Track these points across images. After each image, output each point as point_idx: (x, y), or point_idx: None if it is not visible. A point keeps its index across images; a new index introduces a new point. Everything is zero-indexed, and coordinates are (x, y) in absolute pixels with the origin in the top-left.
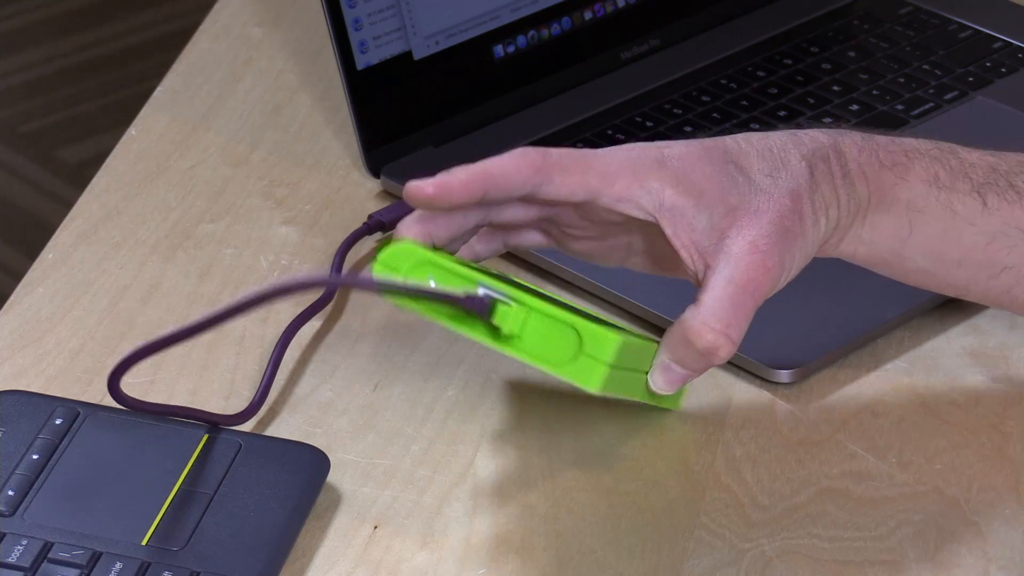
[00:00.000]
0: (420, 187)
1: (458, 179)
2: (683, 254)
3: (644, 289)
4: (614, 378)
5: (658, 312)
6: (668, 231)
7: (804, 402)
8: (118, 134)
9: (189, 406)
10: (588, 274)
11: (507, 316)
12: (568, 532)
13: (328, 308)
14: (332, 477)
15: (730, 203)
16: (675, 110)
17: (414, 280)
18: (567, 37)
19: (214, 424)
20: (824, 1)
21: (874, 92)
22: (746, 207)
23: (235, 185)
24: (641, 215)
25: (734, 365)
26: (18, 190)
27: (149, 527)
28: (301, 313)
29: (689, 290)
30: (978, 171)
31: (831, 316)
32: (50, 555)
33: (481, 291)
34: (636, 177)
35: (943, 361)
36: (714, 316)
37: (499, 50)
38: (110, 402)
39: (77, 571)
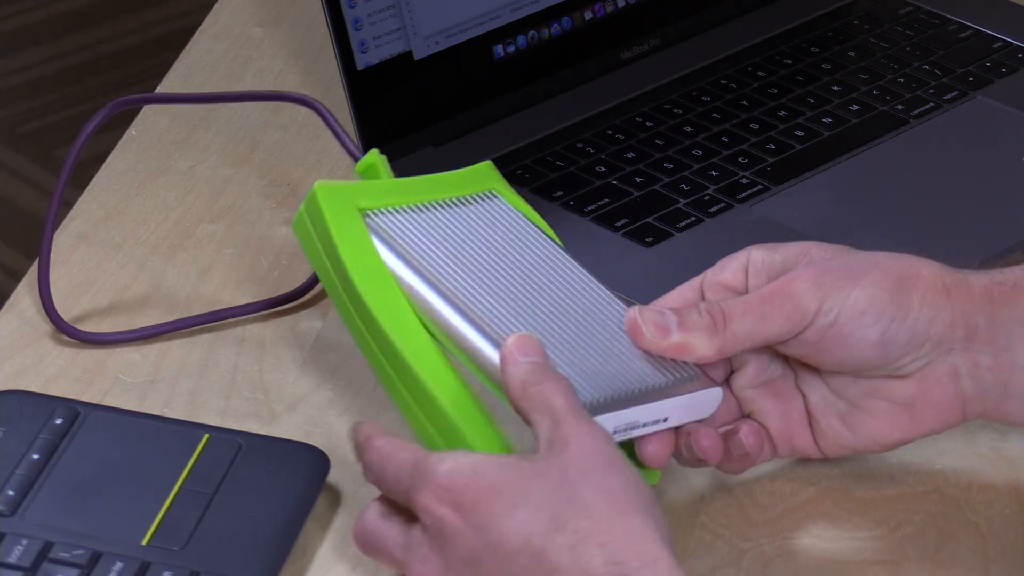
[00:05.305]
0: None
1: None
2: None
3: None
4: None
5: None
6: None
7: None
8: (118, 134)
9: None
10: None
11: None
12: None
13: (327, 307)
14: (332, 477)
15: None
16: (675, 110)
17: None
18: (567, 37)
19: None
20: (824, 1)
21: (874, 92)
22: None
23: (235, 185)
24: None
25: None
26: (18, 190)
27: (149, 527)
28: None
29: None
30: None
31: None
32: (50, 555)
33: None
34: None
35: None
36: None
37: (499, 50)
38: (110, 402)
39: (77, 571)
